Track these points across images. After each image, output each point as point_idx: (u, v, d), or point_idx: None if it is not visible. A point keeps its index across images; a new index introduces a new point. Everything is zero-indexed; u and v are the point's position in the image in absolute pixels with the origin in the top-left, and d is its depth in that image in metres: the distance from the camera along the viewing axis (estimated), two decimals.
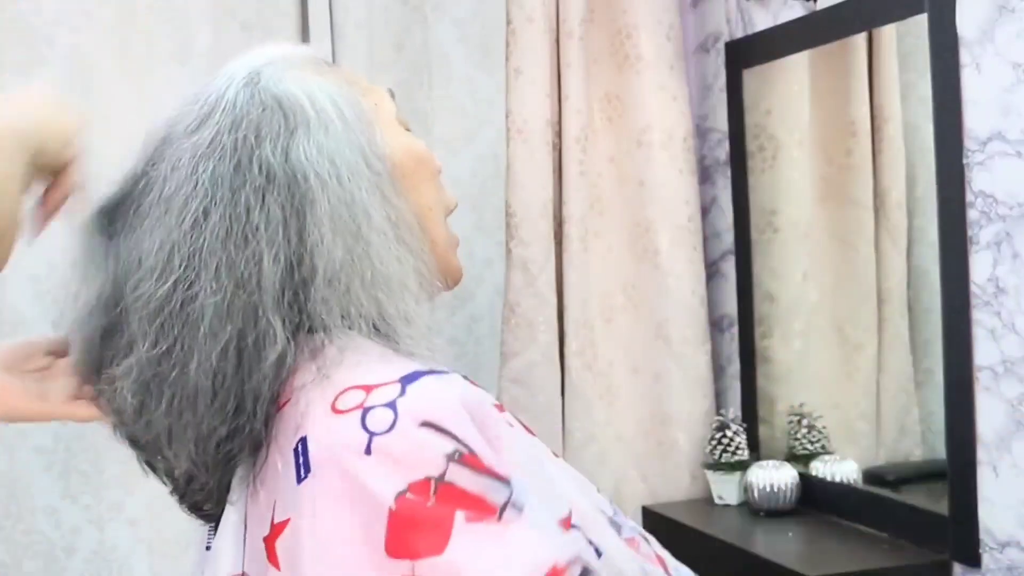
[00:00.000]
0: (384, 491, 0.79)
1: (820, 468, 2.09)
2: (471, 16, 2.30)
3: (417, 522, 0.78)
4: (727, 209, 2.30)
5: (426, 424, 0.81)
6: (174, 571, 2.05)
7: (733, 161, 2.27)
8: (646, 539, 1.01)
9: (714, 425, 2.20)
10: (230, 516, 0.90)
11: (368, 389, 0.84)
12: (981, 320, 1.68)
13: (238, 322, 0.85)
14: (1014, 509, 1.64)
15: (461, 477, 0.80)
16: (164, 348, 0.87)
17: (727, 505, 2.17)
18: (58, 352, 1.01)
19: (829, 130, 2.12)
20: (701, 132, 2.39)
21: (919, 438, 1.98)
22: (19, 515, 1.98)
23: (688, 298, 2.26)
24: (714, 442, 2.17)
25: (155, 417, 0.89)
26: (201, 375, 0.85)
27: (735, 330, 2.28)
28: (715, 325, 2.35)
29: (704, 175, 2.39)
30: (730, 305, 2.31)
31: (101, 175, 2.23)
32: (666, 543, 1.05)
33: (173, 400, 0.87)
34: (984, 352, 1.67)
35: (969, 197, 1.68)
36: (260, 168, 0.89)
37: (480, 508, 0.80)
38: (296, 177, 0.88)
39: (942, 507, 1.76)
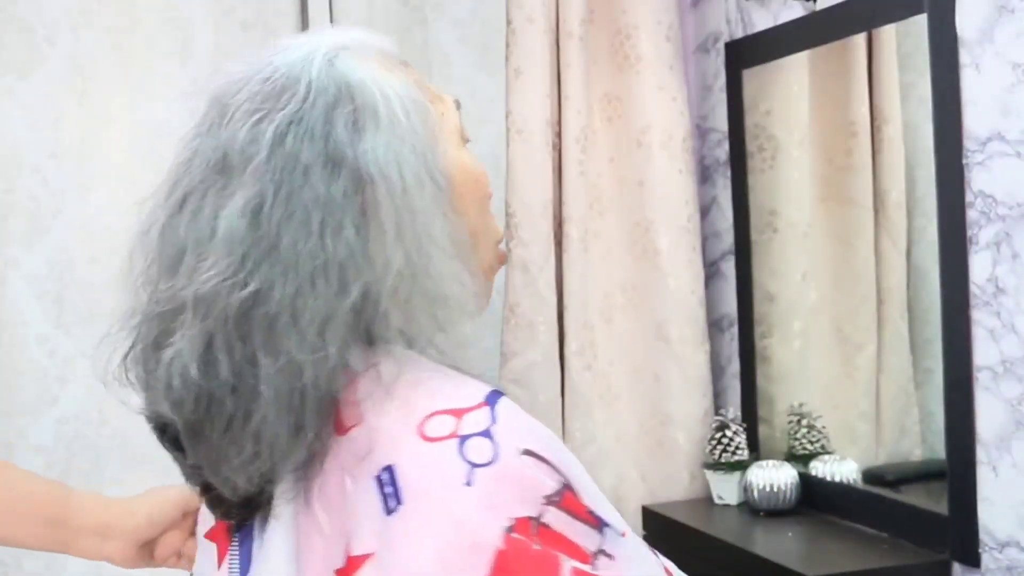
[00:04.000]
0: (490, 527, 0.74)
1: (820, 468, 2.09)
2: (471, 16, 2.30)
3: (525, 563, 0.74)
4: (727, 209, 2.30)
5: (527, 453, 0.78)
6: (174, 570, 2.05)
7: (733, 161, 2.27)
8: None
9: (714, 425, 2.20)
10: (275, 541, 0.83)
11: (457, 414, 0.79)
12: (981, 320, 1.68)
13: (294, 325, 0.79)
14: (1014, 509, 1.64)
15: (558, 521, 0.77)
16: (219, 345, 0.80)
17: (727, 505, 2.17)
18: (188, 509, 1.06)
19: (829, 130, 2.12)
20: (701, 132, 2.39)
21: (919, 438, 1.98)
22: None
23: (688, 298, 2.27)
24: (714, 442, 2.18)
25: (205, 413, 0.82)
26: (266, 382, 0.79)
27: (735, 330, 2.29)
28: (715, 325, 2.35)
29: (704, 175, 2.39)
30: (730, 305, 2.31)
31: (102, 174, 2.22)
32: (666, 543, 1.05)
33: (226, 402, 0.80)
34: (983, 352, 1.67)
35: (969, 197, 1.68)
36: (332, 156, 0.82)
37: (577, 555, 0.76)
38: (362, 174, 0.82)
39: (942, 507, 1.76)
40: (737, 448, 2.16)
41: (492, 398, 0.81)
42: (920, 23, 1.75)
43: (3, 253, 2.00)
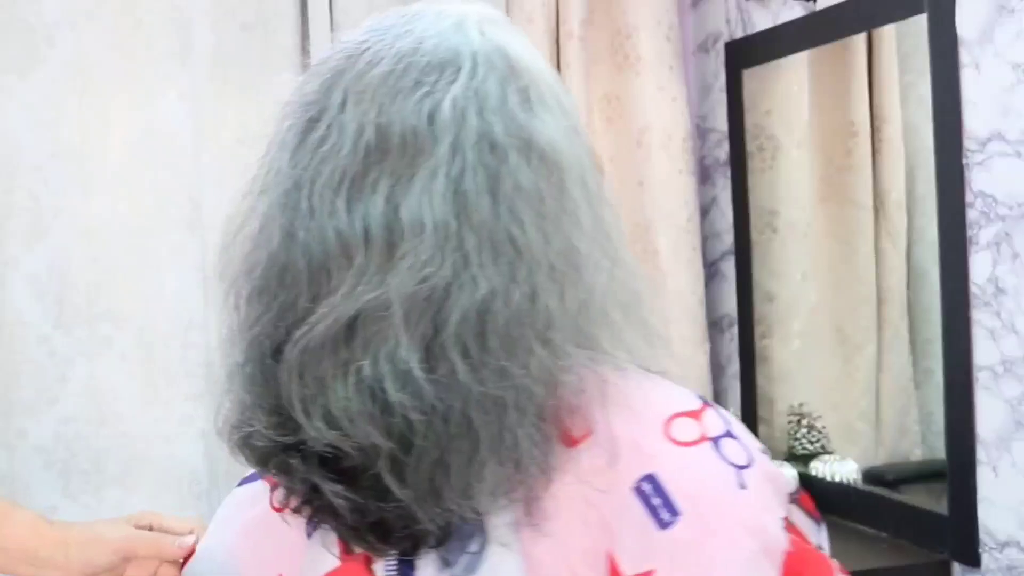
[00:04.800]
0: (774, 529, 0.71)
1: (820, 468, 2.09)
2: None
3: (808, 564, 0.72)
4: (727, 209, 2.30)
5: (764, 451, 0.76)
6: None
7: (733, 161, 2.27)
8: None
9: None
10: (503, 571, 0.73)
11: (694, 416, 0.75)
12: (980, 320, 1.68)
13: (532, 326, 0.70)
14: (1014, 509, 1.64)
15: (799, 519, 0.75)
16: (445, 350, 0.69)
17: None
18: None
19: (829, 130, 2.12)
20: (701, 132, 2.39)
21: (919, 438, 1.98)
22: None
23: (687, 298, 2.26)
24: None
25: (421, 429, 0.69)
26: (491, 387, 0.69)
27: (735, 330, 2.28)
28: (715, 325, 2.35)
29: (704, 175, 2.39)
30: (730, 305, 2.31)
31: (102, 174, 2.22)
32: None
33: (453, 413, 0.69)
34: (983, 352, 1.67)
35: (969, 197, 1.68)
36: (519, 137, 0.73)
37: None
38: (546, 157, 0.74)
39: (942, 507, 1.76)
40: None
41: (704, 399, 0.77)
42: (920, 23, 1.75)
43: (3, 253, 2.00)
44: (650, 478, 0.71)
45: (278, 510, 0.78)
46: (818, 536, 0.77)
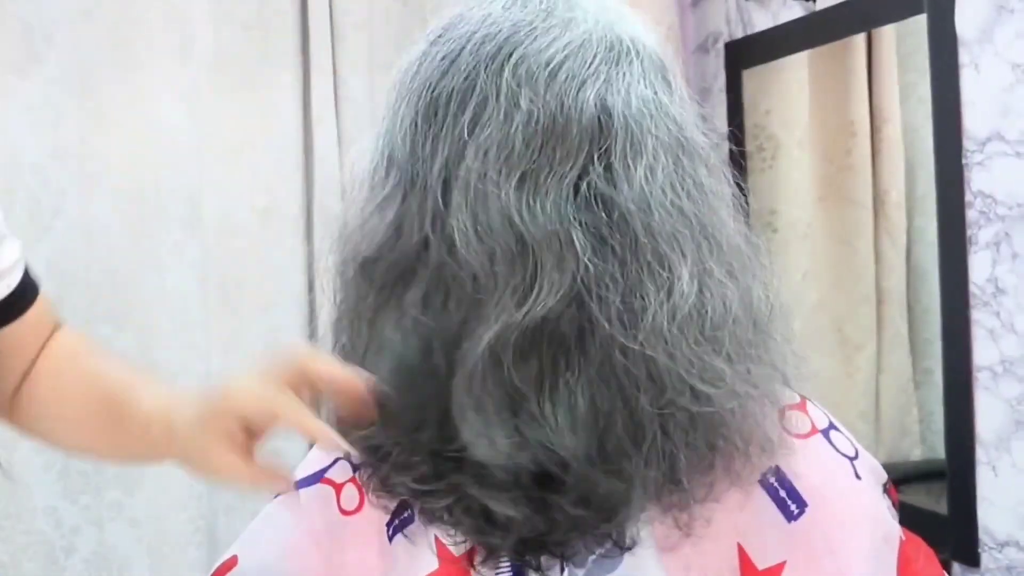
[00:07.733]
0: (889, 518, 0.72)
1: None
2: None
3: (919, 553, 0.73)
4: None
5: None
6: (174, 571, 2.05)
7: (733, 161, 2.27)
8: None
9: None
10: (647, 569, 0.71)
11: (800, 409, 0.75)
12: (980, 320, 1.68)
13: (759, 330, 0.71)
14: (1013, 509, 1.64)
15: (891, 507, 0.76)
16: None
17: None
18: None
19: (828, 130, 2.12)
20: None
21: (918, 438, 1.98)
22: (19, 515, 1.99)
23: None
24: None
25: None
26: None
27: None
28: None
29: None
30: None
31: (102, 174, 2.20)
32: None
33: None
34: (983, 352, 1.67)
35: (968, 197, 1.68)
36: (684, 133, 0.76)
37: None
38: (696, 152, 0.76)
39: (941, 507, 1.76)
40: None
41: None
42: (920, 23, 1.75)
43: None
44: (775, 470, 0.71)
45: (348, 513, 0.74)
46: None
